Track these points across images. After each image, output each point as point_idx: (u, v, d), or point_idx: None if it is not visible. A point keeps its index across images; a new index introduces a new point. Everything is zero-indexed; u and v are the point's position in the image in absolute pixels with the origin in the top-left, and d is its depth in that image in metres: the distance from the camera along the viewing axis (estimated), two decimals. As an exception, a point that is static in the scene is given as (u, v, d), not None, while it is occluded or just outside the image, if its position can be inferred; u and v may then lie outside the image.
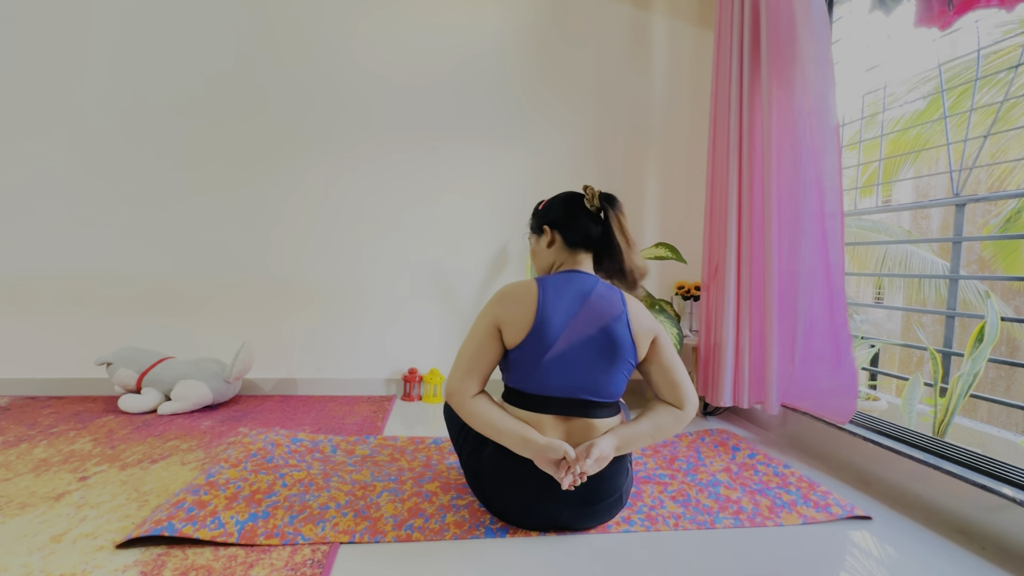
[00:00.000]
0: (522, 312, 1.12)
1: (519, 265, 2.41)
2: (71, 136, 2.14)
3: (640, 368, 1.22)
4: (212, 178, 2.22)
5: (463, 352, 1.16)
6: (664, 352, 1.19)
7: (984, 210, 5.04)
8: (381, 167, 2.31)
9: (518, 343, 1.13)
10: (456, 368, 1.15)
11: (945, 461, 1.32)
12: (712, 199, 2.04)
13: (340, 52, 2.26)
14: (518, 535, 1.15)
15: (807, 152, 1.64)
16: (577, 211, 1.22)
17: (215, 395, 2.03)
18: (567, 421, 1.14)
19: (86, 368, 2.14)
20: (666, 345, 1.20)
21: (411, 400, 2.29)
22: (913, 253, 5.10)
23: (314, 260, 2.30)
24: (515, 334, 1.13)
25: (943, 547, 1.16)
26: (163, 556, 1.01)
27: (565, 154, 2.41)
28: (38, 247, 2.15)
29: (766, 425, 1.99)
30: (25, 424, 1.78)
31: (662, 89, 2.46)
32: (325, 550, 1.05)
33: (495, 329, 1.15)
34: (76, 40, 2.13)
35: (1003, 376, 5.21)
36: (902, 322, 6.38)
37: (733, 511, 1.29)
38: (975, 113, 1.92)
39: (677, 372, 1.19)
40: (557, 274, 1.20)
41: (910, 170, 5.45)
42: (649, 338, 1.18)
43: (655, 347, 1.19)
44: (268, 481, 1.30)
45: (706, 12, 2.46)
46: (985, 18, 1.49)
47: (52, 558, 1.00)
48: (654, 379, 1.21)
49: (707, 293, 2.06)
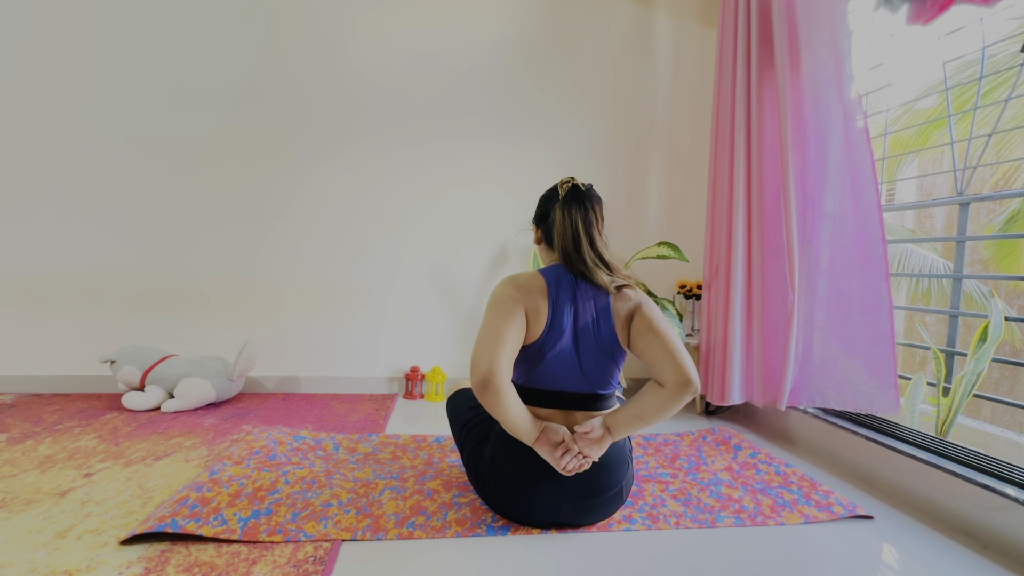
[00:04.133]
0: (543, 304, 1.10)
1: (520, 263, 2.41)
2: (74, 136, 2.15)
3: (633, 347, 1.14)
4: (216, 177, 2.23)
5: (491, 333, 1.04)
6: (650, 314, 1.11)
7: (988, 209, 5.01)
8: (384, 165, 2.31)
9: (537, 336, 1.11)
10: (482, 350, 1.03)
11: (948, 461, 1.31)
12: (714, 197, 2.03)
13: (341, 51, 2.26)
14: (520, 533, 1.15)
15: (820, 147, 1.63)
16: (551, 206, 1.20)
17: (218, 393, 2.04)
18: (568, 415, 1.15)
19: (90, 366, 2.15)
20: (652, 310, 1.12)
21: (413, 398, 2.29)
22: (914, 252, 5.08)
23: (316, 259, 2.31)
24: (537, 325, 1.10)
25: (945, 547, 1.16)
26: (166, 552, 1.02)
27: (567, 152, 2.41)
28: (42, 246, 2.16)
29: (768, 424, 1.98)
30: (30, 421, 1.79)
31: (665, 87, 2.46)
32: (327, 547, 1.06)
33: (524, 312, 1.09)
34: (76, 40, 2.13)
35: (1007, 376, 5.19)
36: (905, 322, 6.36)
37: (735, 510, 1.29)
38: (979, 111, 1.91)
39: (671, 339, 1.08)
40: (550, 266, 1.20)
41: (913, 169, 5.43)
42: (629, 310, 1.12)
43: (640, 315, 1.11)
44: (271, 478, 1.30)
45: (709, 10, 2.45)
46: (990, 16, 1.48)
47: (57, 554, 1.01)
48: (648, 353, 1.10)
49: (708, 292, 2.05)
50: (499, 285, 1.14)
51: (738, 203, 1.86)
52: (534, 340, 1.11)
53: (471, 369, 1.03)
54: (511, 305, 1.08)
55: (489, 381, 1.00)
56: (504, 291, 1.11)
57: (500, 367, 1.01)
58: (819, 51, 1.61)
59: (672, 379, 1.05)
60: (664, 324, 1.11)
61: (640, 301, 1.14)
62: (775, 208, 1.78)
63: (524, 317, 1.09)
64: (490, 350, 1.02)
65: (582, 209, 1.15)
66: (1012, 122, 4.02)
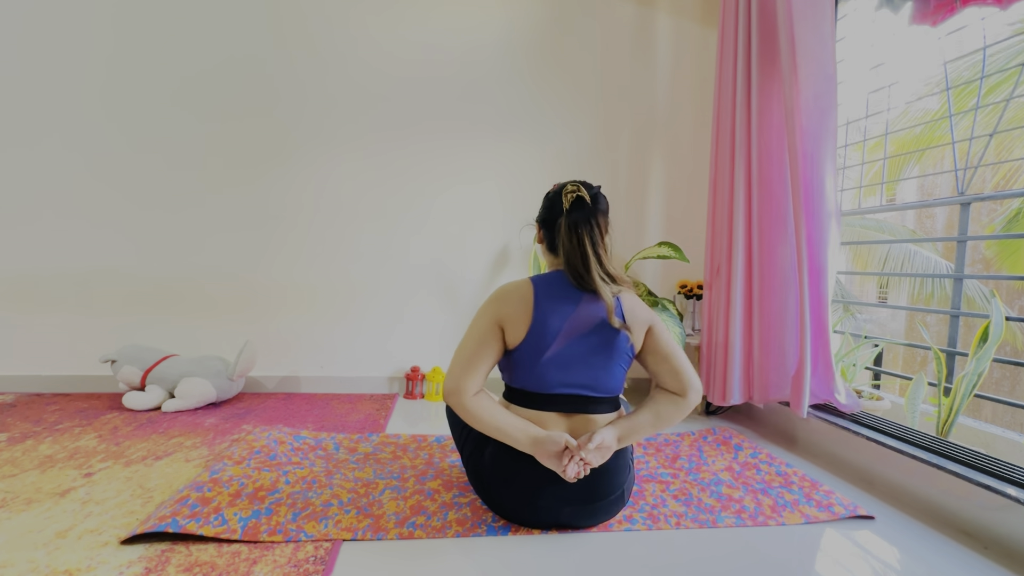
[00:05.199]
0: (522, 310, 1.13)
1: (521, 263, 2.41)
2: (74, 137, 2.15)
3: (639, 359, 1.21)
4: (217, 177, 2.23)
5: (462, 351, 1.14)
6: (661, 340, 1.18)
7: (989, 209, 5.01)
8: (384, 164, 2.31)
9: (519, 342, 1.13)
10: (454, 367, 1.13)
11: (948, 461, 1.31)
12: (715, 197, 2.03)
13: (342, 49, 2.26)
14: (520, 533, 1.15)
15: (811, 148, 1.63)
16: (556, 211, 1.19)
17: (218, 393, 2.04)
18: (569, 418, 1.15)
19: (91, 365, 2.16)
20: (663, 333, 1.19)
21: (413, 398, 2.29)
22: (916, 253, 5.08)
23: (316, 258, 2.31)
24: (516, 333, 1.13)
25: (946, 547, 1.16)
26: (167, 552, 1.02)
27: (568, 152, 2.41)
28: (42, 246, 2.16)
29: (769, 424, 1.98)
30: (31, 421, 1.80)
31: (666, 87, 2.46)
32: (328, 547, 1.06)
33: (497, 327, 1.14)
34: (76, 40, 2.13)
35: (1008, 376, 5.19)
36: (906, 322, 6.35)
37: (735, 510, 1.28)
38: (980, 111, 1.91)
39: (677, 359, 1.17)
40: (550, 272, 1.21)
41: (915, 168, 5.43)
42: (644, 328, 1.17)
43: (651, 336, 1.18)
44: (271, 478, 1.30)
45: (710, 11, 2.45)
46: (992, 16, 1.48)
47: (57, 553, 1.01)
48: (654, 368, 1.19)
49: (709, 292, 2.05)
50: (486, 301, 1.19)
51: (739, 203, 1.86)
52: (517, 345, 1.13)
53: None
54: (487, 325, 1.14)
55: (450, 398, 1.11)
56: (485, 309, 1.17)
57: (461, 386, 1.10)
58: (814, 51, 1.62)
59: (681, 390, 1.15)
60: (673, 345, 1.19)
61: (652, 321, 1.19)
62: (776, 207, 1.78)
63: (499, 334, 1.14)
64: (457, 372, 1.12)
65: (588, 226, 1.14)
66: (1013, 122, 4.01)
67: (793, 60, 1.63)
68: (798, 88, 1.63)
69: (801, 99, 1.63)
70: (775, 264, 1.79)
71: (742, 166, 1.85)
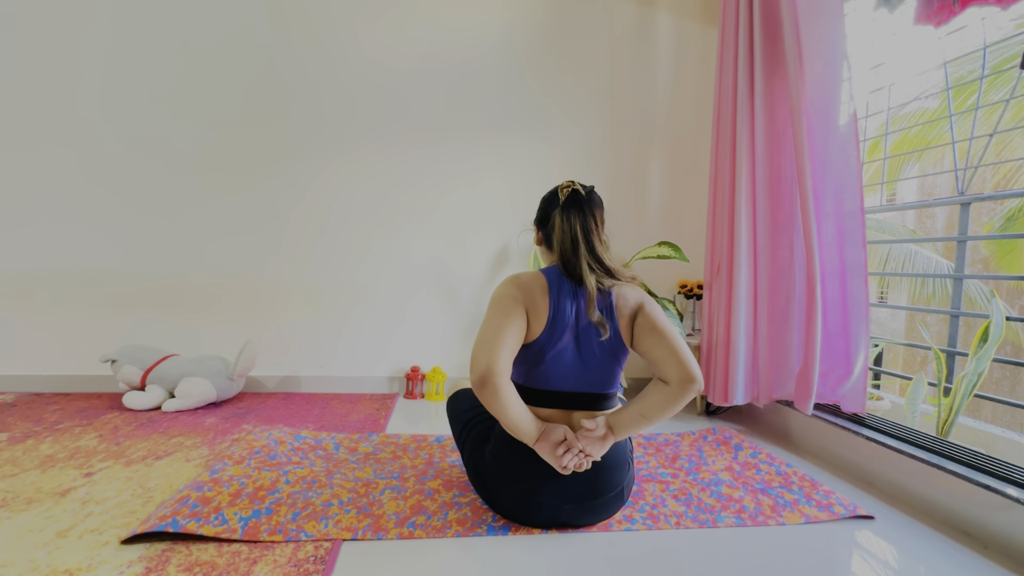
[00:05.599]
0: (542, 302, 1.11)
1: (521, 263, 2.41)
2: (75, 139, 2.15)
3: (637, 346, 1.15)
4: (217, 178, 2.23)
5: (491, 332, 1.05)
6: (651, 315, 1.12)
7: (989, 208, 5.01)
8: (384, 165, 2.31)
9: (537, 335, 1.11)
10: (487, 346, 1.03)
11: (948, 461, 1.31)
12: (715, 197, 2.03)
13: (343, 52, 2.26)
14: (520, 533, 1.15)
15: (814, 148, 1.63)
16: (552, 210, 1.19)
17: (219, 392, 2.04)
18: (570, 415, 1.15)
19: (91, 365, 2.16)
20: (654, 308, 1.13)
21: (413, 398, 2.29)
22: (916, 252, 5.08)
23: (317, 259, 2.31)
24: (538, 324, 1.11)
25: (946, 547, 1.16)
26: (167, 552, 1.02)
27: (569, 151, 2.41)
28: (43, 246, 2.16)
29: (769, 424, 1.98)
30: (31, 420, 1.80)
31: (666, 86, 2.46)
32: (328, 547, 1.06)
33: (524, 311, 1.10)
34: (76, 41, 2.13)
35: (1008, 376, 5.19)
36: (906, 322, 6.35)
37: (735, 510, 1.28)
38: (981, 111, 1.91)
39: (672, 338, 1.09)
40: (554, 267, 1.20)
41: (915, 168, 5.43)
42: (632, 311, 1.13)
43: (642, 314, 1.12)
44: (271, 478, 1.30)
45: (710, 10, 2.45)
46: (992, 16, 1.48)
47: (58, 553, 1.01)
48: (651, 355, 1.11)
49: (709, 292, 2.05)
50: (501, 284, 1.15)
51: (741, 202, 1.84)
52: (535, 339, 1.11)
53: (471, 366, 1.04)
54: (512, 304, 1.09)
55: (488, 379, 1.00)
56: (505, 290, 1.12)
57: (499, 365, 1.02)
58: (819, 51, 1.61)
59: (676, 376, 1.07)
60: (667, 323, 1.12)
61: (642, 301, 1.15)
62: (782, 206, 1.77)
63: (525, 316, 1.10)
64: (489, 348, 1.03)
65: (581, 215, 1.15)
66: (1012, 122, 4.01)
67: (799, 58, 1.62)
68: (804, 85, 1.62)
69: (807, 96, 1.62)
70: (781, 263, 1.78)
71: (744, 165, 1.84)
